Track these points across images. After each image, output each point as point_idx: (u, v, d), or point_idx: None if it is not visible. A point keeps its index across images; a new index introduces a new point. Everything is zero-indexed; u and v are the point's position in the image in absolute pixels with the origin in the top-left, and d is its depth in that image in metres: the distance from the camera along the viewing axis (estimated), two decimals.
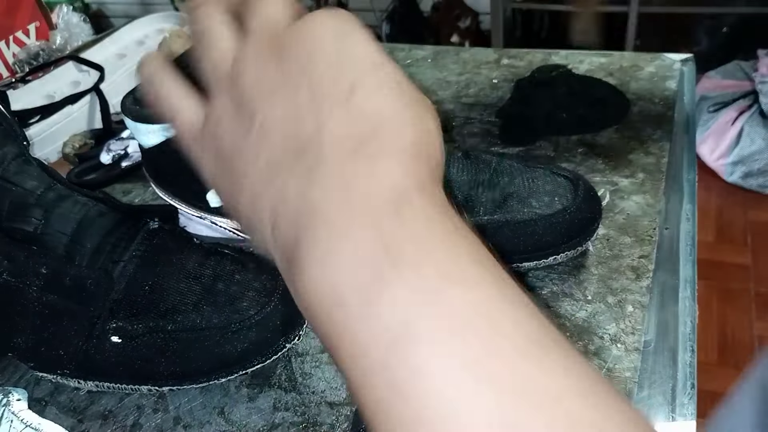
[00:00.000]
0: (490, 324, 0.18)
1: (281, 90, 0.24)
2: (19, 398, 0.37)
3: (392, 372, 0.18)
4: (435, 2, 2.22)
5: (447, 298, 0.18)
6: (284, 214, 0.22)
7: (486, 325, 0.18)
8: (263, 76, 0.24)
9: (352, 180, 0.21)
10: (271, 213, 0.23)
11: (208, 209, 0.44)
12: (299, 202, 0.22)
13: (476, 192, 0.40)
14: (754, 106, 1.75)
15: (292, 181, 0.22)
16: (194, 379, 0.37)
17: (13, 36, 0.73)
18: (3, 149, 0.37)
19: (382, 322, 0.19)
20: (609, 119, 0.57)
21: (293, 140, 0.23)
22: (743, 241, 1.65)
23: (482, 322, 0.18)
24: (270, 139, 0.23)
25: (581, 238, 0.41)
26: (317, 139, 0.22)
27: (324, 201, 0.21)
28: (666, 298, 0.41)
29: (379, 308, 0.19)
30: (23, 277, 0.35)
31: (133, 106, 0.42)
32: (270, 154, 0.23)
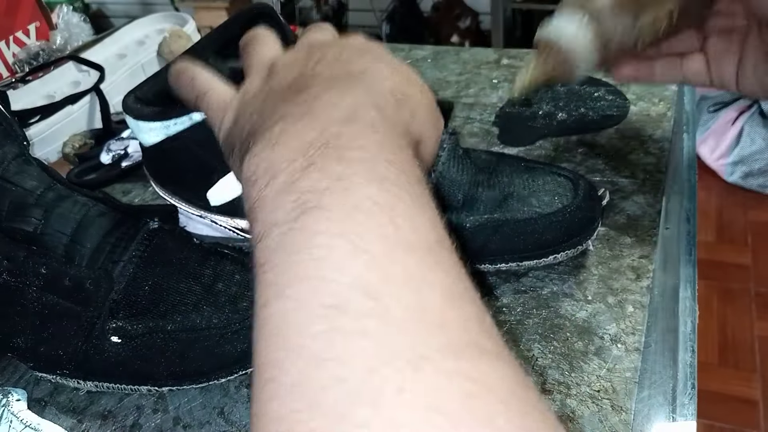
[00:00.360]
0: (387, 219, 0.21)
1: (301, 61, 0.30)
2: (18, 398, 0.37)
3: (290, 240, 0.21)
4: (435, 2, 2.22)
5: (360, 190, 0.21)
6: (256, 123, 0.27)
7: (383, 219, 0.21)
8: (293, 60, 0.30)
9: (320, 98, 0.25)
10: (250, 126, 0.27)
11: (208, 208, 0.44)
12: (272, 113, 0.26)
13: (476, 191, 0.40)
14: (754, 106, 1.75)
15: (275, 102, 0.27)
16: (194, 379, 0.37)
17: (13, 36, 0.72)
18: (3, 149, 0.37)
19: (299, 199, 0.21)
20: (609, 119, 0.57)
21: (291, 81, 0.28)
22: (743, 241, 1.65)
23: (380, 213, 0.21)
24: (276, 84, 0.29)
25: (581, 237, 0.41)
26: (309, 78, 0.27)
27: (290, 109, 0.25)
28: (666, 298, 0.41)
29: (301, 185, 0.22)
30: (23, 277, 0.35)
31: (135, 104, 0.42)
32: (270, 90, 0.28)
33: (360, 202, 0.21)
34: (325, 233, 0.20)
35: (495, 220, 0.40)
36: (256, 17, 0.46)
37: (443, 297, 0.19)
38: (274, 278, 0.20)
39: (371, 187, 0.21)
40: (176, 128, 0.40)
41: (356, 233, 0.20)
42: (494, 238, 0.40)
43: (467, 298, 0.20)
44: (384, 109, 0.25)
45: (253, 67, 0.32)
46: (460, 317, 0.19)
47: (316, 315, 0.18)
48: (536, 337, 0.38)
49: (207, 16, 1.91)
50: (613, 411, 0.33)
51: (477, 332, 0.19)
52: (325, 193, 0.21)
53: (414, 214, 0.21)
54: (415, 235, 0.21)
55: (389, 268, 0.19)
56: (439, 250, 0.21)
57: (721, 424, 1.23)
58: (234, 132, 0.29)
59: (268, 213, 0.22)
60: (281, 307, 0.19)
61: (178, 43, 0.70)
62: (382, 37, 2.22)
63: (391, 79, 0.28)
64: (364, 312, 0.18)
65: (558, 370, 0.36)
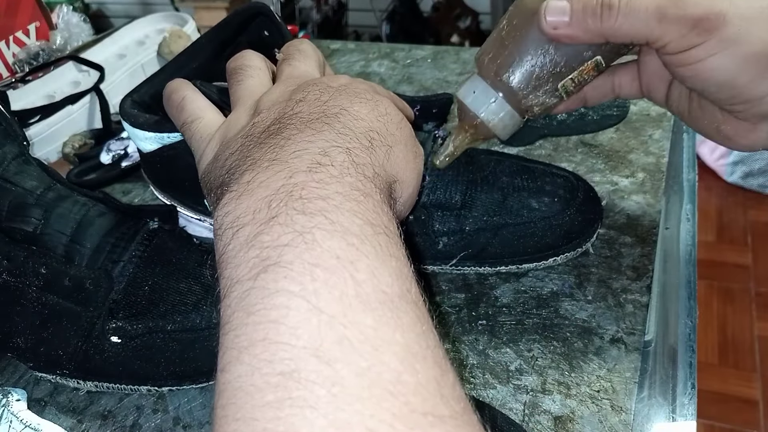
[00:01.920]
0: (348, 275, 0.20)
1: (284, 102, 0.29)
2: (18, 398, 0.37)
3: (249, 300, 0.20)
4: (435, 2, 2.22)
5: (322, 245, 0.21)
6: (231, 168, 0.27)
7: (343, 275, 0.20)
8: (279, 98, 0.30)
9: (290, 141, 0.25)
10: (226, 171, 0.27)
11: (206, 212, 0.44)
12: (245, 158, 0.26)
13: (476, 192, 0.40)
14: None
15: (251, 146, 0.27)
16: (194, 379, 0.37)
17: (13, 36, 0.72)
18: (3, 149, 0.37)
19: (261, 255, 0.21)
20: (609, 119, 0.57)
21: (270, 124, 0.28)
22: (743, 241, 1.65)
23: (340, 269, 0.20)
24: (256, 127, 0.28)
25: (581, 239, 0.41)
26: (286, 119, 0.27)
27: (261, 155, 0.25)
28: (666, 298, 0.41)
29: (263, 239, 0.21)
30: (23, 277, 0.35)
31: (132, 110, 0.41)
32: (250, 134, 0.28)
33: (320, 257, 0.20)
34: (283, 292, 0.20)
35: (494, 223, 0.40)
36: (253, 17, 0.46)
37: (400, 359, 0.19)
38: (232, 341, 0.20)
39: (333, 241, 0.21)
40: (171, 140, 0.40)
41: (314, 291, 0.20)
42: (494, 241, 0.40)
43: (428, 358, 0.20)
44: (355, 152, 0.25)
45: (240, 100, 0.32)
46: (416, 382, 0.19)
47: (268, 383, 0.18)
48: (536, 337, 0.38)
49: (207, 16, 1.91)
50: (613, 411, 0.33)
51: (433, 398, 0.18)
52: (285, 249, 0.21)
53: (376, 267, 0.21)
54: (375, 290, 0.20)
55: (345, 329, 0.19)
56: (401, 305, 0.21)
57: (721, 424, 1.23)
58: (212, 172, 0.29)
59: (231, 269, 0.22)
60: (237, 373, 0.19)
61: (178, 43, 0.70)
62: (382, 37, 2.22)
63: (367, 118, 0.27)
64: (316, 380, 0.18)
65: (558, 370, 0.36)
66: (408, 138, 0.30)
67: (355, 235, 0.21)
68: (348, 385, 0.18)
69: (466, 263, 0.41)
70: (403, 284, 0.21)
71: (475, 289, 0.42)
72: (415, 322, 0.20)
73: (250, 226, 0.22)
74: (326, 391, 0.17)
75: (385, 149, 0.27)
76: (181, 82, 0.35)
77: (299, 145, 0.25)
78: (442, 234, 0.40)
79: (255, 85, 0.32)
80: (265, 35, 0.45)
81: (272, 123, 0.27)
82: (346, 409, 0.17)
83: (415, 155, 0.30)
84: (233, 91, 0.33)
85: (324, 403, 0.17)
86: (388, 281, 0.21)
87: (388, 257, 0.22)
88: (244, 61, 0.34)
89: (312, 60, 0.34)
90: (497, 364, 0.37)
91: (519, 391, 0.35)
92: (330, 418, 0.17)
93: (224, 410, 0.19)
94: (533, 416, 0.33)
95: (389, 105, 0.30)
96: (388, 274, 0.21)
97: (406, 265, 0.22)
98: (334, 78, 0.31)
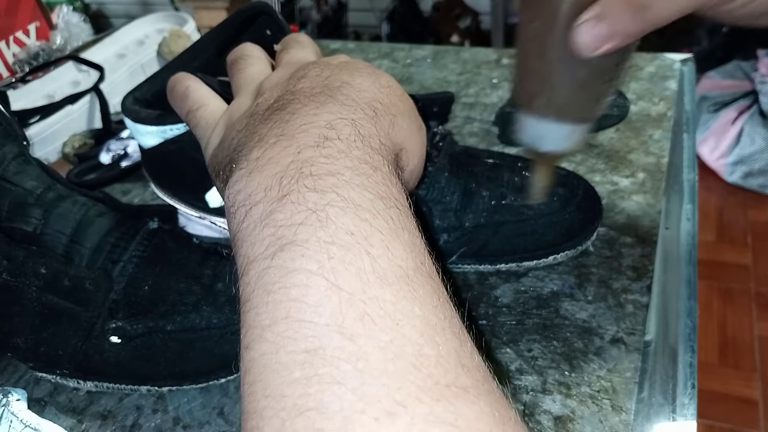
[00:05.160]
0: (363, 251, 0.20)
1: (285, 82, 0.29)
2: (18, 398, 0.37)
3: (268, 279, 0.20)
4: (435, 2, 2.22)
5: (335, 222, 0.21)
6: (238, 146, 0.27)
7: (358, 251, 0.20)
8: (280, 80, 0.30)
9: (295, 115, 0.25)
10: (233, 150, 0.27)
11: (207, 209, 0.44)
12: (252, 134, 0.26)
13: (476, 191, 0.40)
14: (754, 106, 1.75)
15: (256, 122, 0.27)
16: (194, 380, 0.36)
17: (13, 36, 0.72)
18: (3, 149, 0.37)
19: (276, 234, 0.21)
20: (609, 119, 0.57)
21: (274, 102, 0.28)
22: (743, 241, 1.65)
23: (355, 245, 0.21)
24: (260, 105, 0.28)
25: (581, 237, 0.41)
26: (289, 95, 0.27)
27: (268, 131, 0.25)
28: (666, 298, 0.41)
29: (277, 218, 0.22)
30: (22, 277, 0.35)
31: (134, 106, 0.42)
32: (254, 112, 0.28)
33: (335, 234, 0.21)
34: (302, 271, 0.20)
35: (494, 221, 0.40)
36: (255, 16, 0.46)
37: (420, 332, 0.19)
38: (254, 319, 0.20)
39: (346, 217, 0.21)
40: (173, 133, 0.40)
41: (332, 269, 0.20)
42: (494, 238, 0.40)
43: (446, 329, 0.20)
44: (360, 122, 0.25)
45: (242, 87, 0.32)
46: (438, 353, 0.19)
47: (295, 360, 0.18)
48: (536, 337, 0.38)
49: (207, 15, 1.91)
50: (613, 411, 0.33)
51: (455, 369, 0.19)
52: (300, 227, 0.21)
53: (390, 241, 0.21)
54: (391, 265, 0.20)
55: (365, 305, 0.19)
56: (417, 278, 0.21)
57: (721, 424, 1.23)
58: (218, 154, 0.29)
59: (247, 247, 0.22)
60: (262, 351, 0.19)
61: (178, 43, 0.70)
62: (382, 37, 2.22)
63: (370, 90, 0.28)
64: (341, 356, 0.18)
65: (558, 370, 0.36)
66: (411, 109, 0.30)
67: (367, 210, 0.22)
68: (372, 359, 0.18)
69: (466, 261, 0.41)
70: (417, 257, 0.22)
71: (475, 289, 0.42)
72: (431, 294, 0.21)
73: (262, 204, 0.22)
74: (352, 367, 0.18)
75: (389, 118, 0.27)
76: (183, 75, 0.35)
77: (305, 118, 0.25)
78: (442, 230, 0.40)
79: (255, 73, 0.33)
80: (268, 34, 0.45)
81: (276, 100, 0.28)
82: (372, 383, 0.17)
83: (419, 127, 0.30)
84: (234, 80, 0.33)
85: (351, 378, 0.18)
86: (403, 255, 0.21)
87: (401, 230, 0.22)
88: (243, 52, 0.35)
89: (309, 49, 0.35)
90: (497, 364, 0.37)
91: (519, 391, 0.35)
92: (358, 393, 0.17)
93: (252, 387, 0.19)
94: (533, 416, 0.33)
95: (390, 78, 0.30)
96: (402, 248, 0.21)
97: (418, 237, 0.23)
98: (333, 57, 0.32)
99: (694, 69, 0.67)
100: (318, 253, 0.20)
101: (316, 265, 0.20)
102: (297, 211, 0.21)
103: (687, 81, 0.65)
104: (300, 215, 0.21)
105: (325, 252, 0.20)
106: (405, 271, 0.21)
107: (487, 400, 0.18)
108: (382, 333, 0.19)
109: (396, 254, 0.21)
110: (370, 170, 0.23)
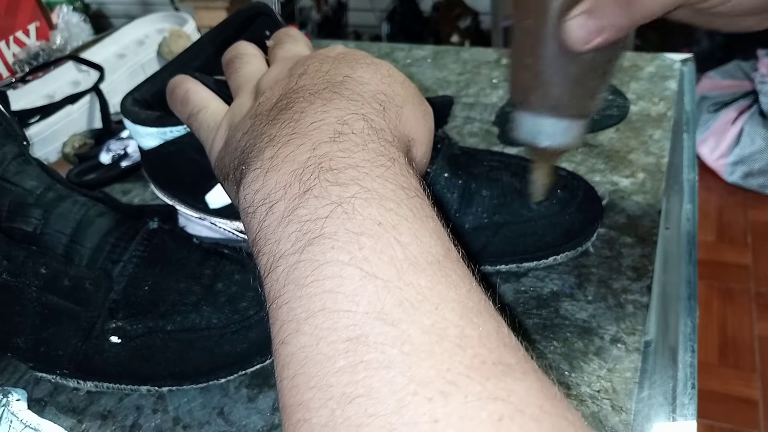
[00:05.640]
0: (393, 239, 0.20)
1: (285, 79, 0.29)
2: (18, 398, 0.37)
3: (299, 273, 0.20)
4: (435, 2, 2.22)
5: (362, 212, 0.21)
6: (247, 148, 0.26)
7: (388, 240, 0.20)
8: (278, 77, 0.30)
9: (304, 114, 0.25)
10: (241, 153, 0.27)
11: (207, 210, 0.44)
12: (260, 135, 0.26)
13: (476, 192, 0.40)
14: (754, 106, 1.75)
15: (262, 123, 0.27)
16: (194, 380, 0.36)
17: (13, 36, 0.72)
18: (3, 149, 0.37)
19: (301, 229, 0.21)
20: (609, 119, 0.57)
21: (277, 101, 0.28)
22: (743, 241, 1.65)
23: (385, 234, 0.21)
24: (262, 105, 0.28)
25: (581, 238, 0.41)
26: (292, 93, 0.27)
27: (277, 130, 0.25)
28: (666, 298, 0.41)
29: (301, 213, 0.21)
30: (22, 277, 0.35)
31: (133, 107, 0.41)
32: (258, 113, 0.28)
33: (363, 225, 0.21)
34: (334, 263, 0.20)
35: (495, 222, 0.40)
36: (254, 16, 0.46)
37: (459, 315, 0.19)
38: (288, 314, 0.20)
39: (372, 208, 0.21)
40: (173, 134, 0.40)
41: (364, 259, 0.20)
42: (494, 239, 0.40)
43: (482, 311, 0.20)
44: (370, 117, 0.25)
45: (241, 87, 0.32)
46: (480, 334, 0.19)
47: (337, 350, 0.18)
48: (536, 337, 0.38)
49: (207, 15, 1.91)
50: (613, 411, 0.33)
51: (498, 348, 0.19)
52: (327, 221, 0.21)
53: (417, 229, 0.21)
54: (422, 252, 0.21)
55: (402, 291, 0.19)
56: (448, 263, 0.21)
57: (721, 424, 1.23)
58: (225, 157, 0.29)
59: (272, 245, 0.22)
60: (301, 344, 0.19)
61: (178, 43, 0.70)
62: (382, 37, 2.22)
63: (372, 82, 0.27)
64: (385, 341, 0.18)
65: (558, 370, 0.36)
66: (414, 95, 0.30)
67: (390, 200, 0.22)
68: (417, 342, 0.18)
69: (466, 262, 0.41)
70: (444, 243, 0.22)
71: None
72: (463, 278, 0.21)
73: (283, 201, 0.22)
74: (398, 351, 0.18)
75: (396, 110, 0.27)
76: (182, 77, 0.35)
77: (314, 116, 0.25)
78: None
79: (252, 71, 0.33)
80: (267, 35, 0.45)
81: (279, 99, 0.27)
82: (421, 365, 0.17)
83: (424, 113, 0.30)
84: (231, 81, 0.33)
85: (398, 362, 0.17)
86: (430, 242, 0.21)
87: (426, 218, 0.22)
88: (237, 51, 0.35)
89: (301, 42, 0.35)
90: None
91: None
92: (408, 375, 0.17)
93: (293, 381, 0.19)
94: None
95: (390, 66, 0.30)
96: (428, 235, 0.21)
97: (441, 225, 0.23)
98: (330, 48, 0.31)
99: (694, 69, 0.67)
100: (348, 243, 0.20)
101: (348, 256, 0.20)
102: (321, 205, 0.21)
103: (687, 81, 0.65)
104: (325, 209, 0.21)
105: (355, 242, 0.20)
106: (436, 257, 0.21)
107: (533, 376, 0.18)
108: (423, 317, 0.19)
109: (425, 241, 0.21)
110: (388, 162, 0.23)
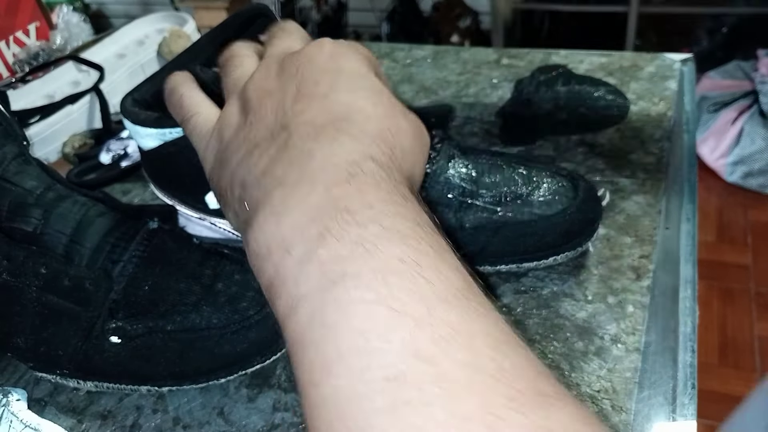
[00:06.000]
0: (418, 276, 0.20)
1: (275, 93, 0.28)
2: (18, 398, 0.37)
3: (325, 314, 0.20)
4: (435, 2, 2.22)
5: (384, 251, 0.21)
6: (251, 185, 0.26)
7: (413, 277, 0.20)
8: (265, 84, 0.29)
9: (311, 153, 0.25)
10: (241, 187, 0.27)
11: (207, 211, 0.44)
12: (264, 174, 0.25)
13: (476, 192, 0.40)
14: (754, 106, 1.75)
15: (263, 158, 0.26)
16: (194, 380, 0.36)
17: (13, 36, 0.72)
18: (3, 149, 0.37)
19: (323, 270, 0.21)
20: (609, 119, 0.57)
21: (273, 128, 0.27)
22: (743, 241, 1.65)
23: (409, 272, 0.20)
24: (255, 128, 0.27)
25: (581, 238, 0.41)
26: (292, 125, 0.26)
27: (284, 171, 0.25)
28: (666, 298, 0.41)
29: (321, 255, 0.21)
30: (22, 277, 0.35)
31: (133, 108, 0.41)
32: (253, 139, 0.27)
33: (386, 263, 0.20)
34: (361, 302, 0.20)
35: (495, 222, 0.40)
36: (254, 18, 0.46)
37: (492, 347, 0.19)
38: (317, 356, 0.20)
39: (392, 246, 0.21)
40: (173, 135, 0.40)
41: (392, 296, 0.20)
42: (494, 239, 0.40)
43: (512, 342, 0.20)
44: (379, 158, 0.25)
45: (230, 93, 0.31)
46: (514, 365, 0.19)
47: (374, 390, 0.18)
48: (536, 337, 0.38)
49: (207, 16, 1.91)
50: (613, 411, 0.33)
51: (534, 378, 0.19)
52: (348, 260, 0.21)
53: (439, 264, 0.21)
54: (447, 287, 0.20)
55: (434, 328, 0.19)
56: (473, 297, 0.21)
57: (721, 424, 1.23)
58: (221, 179, 0.28)
59: (291, 287, 0.21)
60: (336, 385, 0.19)
61: (178, 43, 0.70)
62: (382, 37, 2.22)
63: (375, 117, 0.27)
64: (423, 379, 0.18)
65: (558, 370, 0.36)
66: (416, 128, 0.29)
67: (410, 237, 0.21)
68: (455, 378, 0.18)
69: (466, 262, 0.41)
70: (465, 277, 0.22)
71: None
72: (489, 310, 0.21)
73: (301, 244, 0.22)
74: (437, 388, 0.18)
75: (401, 147, 0.27)
76: (179, 79, 0.35)
77: (322, 159, 0.24)
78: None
79: (242, 75, 0.32)
80: None
81: (275, 129, 0.26)
82: (462, 400, 0.17)
83: (422, 146, 0.29)
84: (223, 84, 0.33)
85: (439, 399, 0.17)
86: (453, 276, 0.21)
87: (444, 252, 0.22)
88: (231, 52, 0.34)
89: (294, 35, 0.33)
90: None
91: None
92: (450, 411, 0.17)
93: (330, 424, 0.19)
94: None
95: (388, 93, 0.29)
96: (449, 269, 0.21)
97: (458, 259, 0.23)
98: (318, 46, 0.29)
99: (694, 69, 0.67)
100: (373, 282, 0.20)
101: (374, 295, 0.20)
102: (342, 246, 0.21)
103: (687, 81, 0.65)
104: (345, 249, 0.21)
105: (380, 281, 0.20)
106: (461, 292, 0.21)
107: (572, 403, 0.18)
108: (458, 352, 0.18)
109: (448, 276, 0.21)
110: (401, 199, 0.23)
